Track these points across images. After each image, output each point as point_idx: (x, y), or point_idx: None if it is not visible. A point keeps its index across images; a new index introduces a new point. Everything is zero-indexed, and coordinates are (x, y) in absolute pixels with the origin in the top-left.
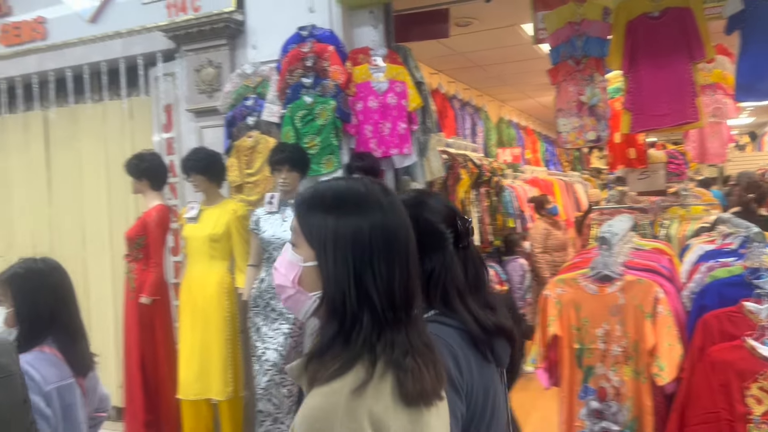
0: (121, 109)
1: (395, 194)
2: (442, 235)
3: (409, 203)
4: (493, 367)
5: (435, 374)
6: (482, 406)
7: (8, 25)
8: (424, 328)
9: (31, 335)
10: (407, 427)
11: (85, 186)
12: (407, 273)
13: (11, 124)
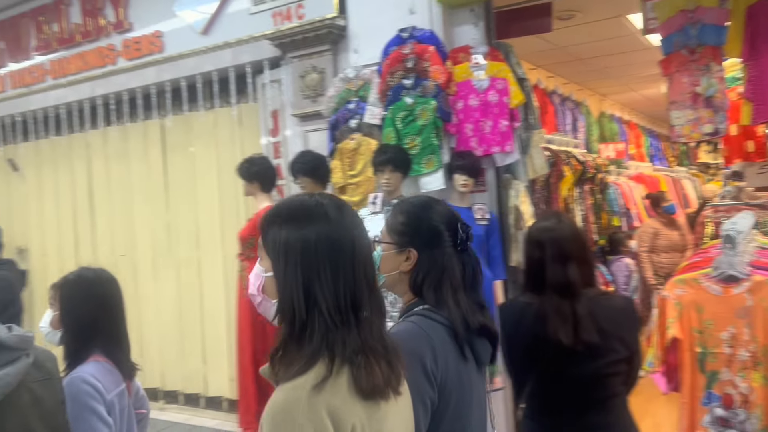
0: (231, 116)
1: (348, 209)
2: (441, 236)
3: (416, 204)
4: (472, 364)
5: (389, 370)
6: (457, 399)
7: (129, 40)
8: (378, 328)
9: (75, 340)
10: (363, 419)
11: (198, 189)
12: (352, 280)
13: (132, 132)
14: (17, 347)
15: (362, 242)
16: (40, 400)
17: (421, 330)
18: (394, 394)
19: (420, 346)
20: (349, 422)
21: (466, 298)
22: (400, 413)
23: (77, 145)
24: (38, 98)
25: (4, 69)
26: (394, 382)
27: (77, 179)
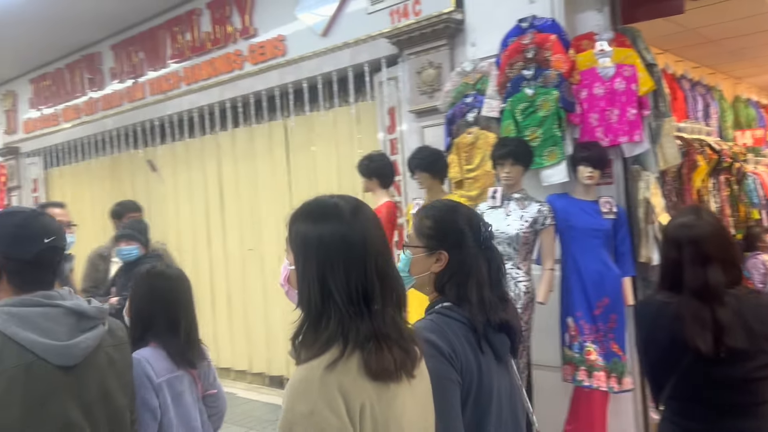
0: (350, 114)
1: (365, 210)
2: (466, 236)
3: (441, 208)
4: (491, 357)
5: (402, 354)
6: (477, 390)
7: (255, 45)
8: (392, 317)
9: (135, 328)
10: (373, 398)
11: (319, 186)
12: (363, 275)
13: (258, 133)
14: (96, 317)
15: (375, 241)
16: (114, 361)
17: (436, 325)
18: (407, 377)
19: (432, 336)
20: (359, 400)
21: (491, 294)
22: (413, 396)
23: (208, 146)
24: (173, 103)
25: (143, 77)
26: (409, 366)
27: (209, 178)
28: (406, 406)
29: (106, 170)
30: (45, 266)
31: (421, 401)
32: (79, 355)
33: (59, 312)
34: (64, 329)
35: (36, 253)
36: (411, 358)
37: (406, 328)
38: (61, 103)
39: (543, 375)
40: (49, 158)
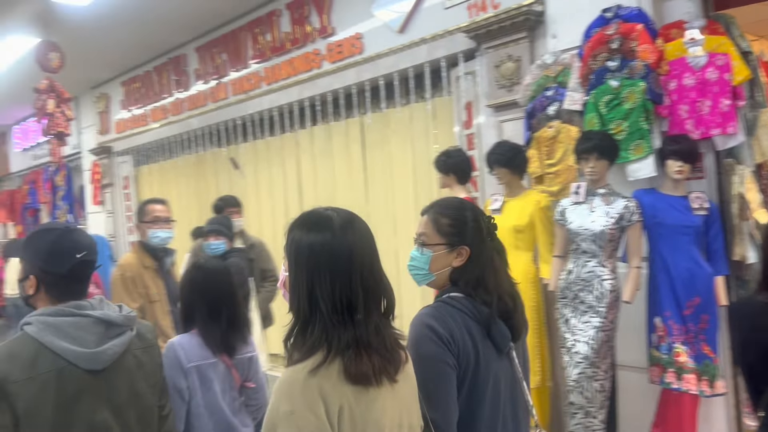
0: (426, 110)
1: (358, 223)
2: (478, 229)
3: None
4: (490, 348)
5: (381, 361)
6: (472, 376)
7: (333, 44)
8: (376, 326)
9: (181, 314)
10: (351, 400)
11: (395, 182)
12: (348, 286)
13: (335, 130)
14: (123, 324)
15: (362, 253)
16: (143, 363)
17: (439, 312)
18: (389, 380)
19: (433, 323)
20: (337, 403)
21: (505, 282)
22: (396, 398)
23: (288, 144)
24: (254, 103)
25: (226, 78)
26: (391, 371)
27: (288, 175)
28: (387, 409)
29: (191, 168)
30: (78, 279)
31: (405, 402)
32: (106, 361)
33: (89, 321)
34: (93, 337)
35: (69, 267)
36: (394, 363)
37: (391, 335)
38: (149, 104)
39: (628, 376)
40: (138, 157)
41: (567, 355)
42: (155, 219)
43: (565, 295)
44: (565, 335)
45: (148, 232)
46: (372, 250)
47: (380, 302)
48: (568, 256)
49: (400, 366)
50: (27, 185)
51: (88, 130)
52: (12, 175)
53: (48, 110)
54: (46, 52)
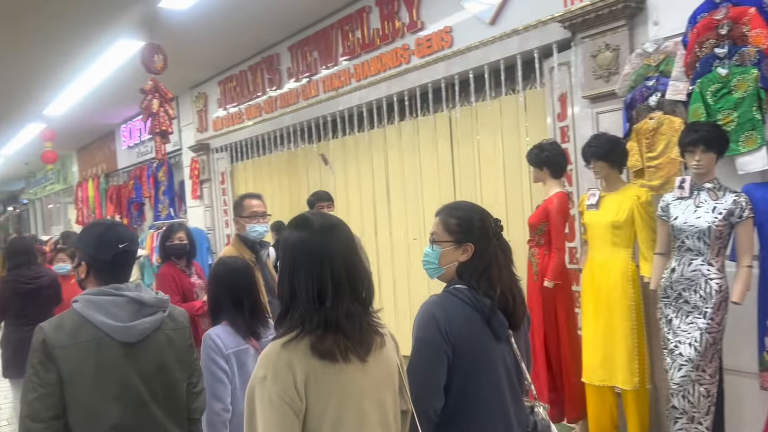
0: (516, 103)
1: (340, 227)
2: (483, 229)
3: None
4: (489, 335)
5: (346, 342)
6: (470, 359)
7: (422, 38)
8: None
9: (209, 306)
10: (318, 372)
11: (483, 176)
12: (319, 279)
13: (423, 125)
14: (155, 305)
15: (336, 253)
16: (173, 341)
17: (441, 301)
18: (358, 359)
19: (436, 311)
20: (304, 372)
21: (507, 277)
22: (365, 375)
23: (376, 139)
24: (344, 99)
25: (317, 76)
26: (360, 352)
27: (376, 170)
28: (354, 383)
29: (284, 164)
30: (120, 265)
31: (376, 381)
32: (137, 335)
33: (124, 300)
34: (126, 314)
35: (113, 255)
36: (365, 345)
37: (366, 321)
38: (244, 102)
39: (737, 381)
40: (234, 153)
41: (669, 357)
42: (253, 214)
43: (667, 295)
44: (666, 336)
45: (246, 226)
46: (349, 249)
47: (354, 293)
48: (671, 254)
49: (372, 348)
50: (132, 180)
51: (187, 128)
52: (119, 171)
53: (152, 110)
54: (150, 54)
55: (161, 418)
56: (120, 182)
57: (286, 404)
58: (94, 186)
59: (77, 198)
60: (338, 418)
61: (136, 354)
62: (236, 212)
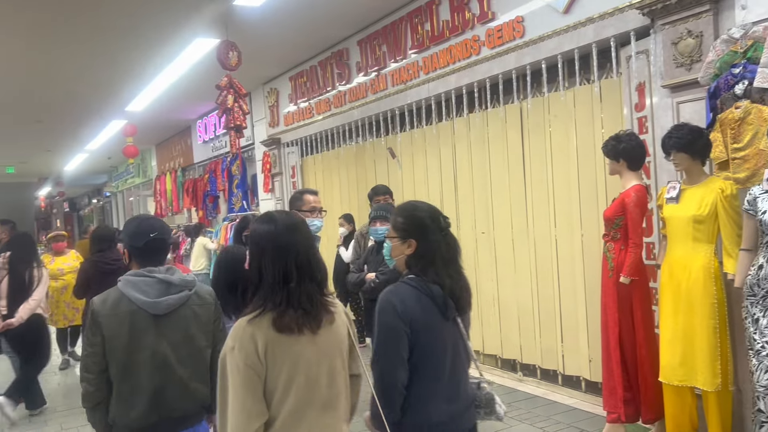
0: (591, 93)
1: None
2: (425, 226)
3: (408, 208)
4: (438, 315)
5: (303, 317)
6: (425, 337)
7: (492, 29)
8: (307, 292)
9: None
10: (275, 341)
11: (555, 169)
12: (284, 266)
13: (492, 117)
14: (181, 285)
15: (298, 243)
16: (198, 315)
17: (397, 290)
18: (310, 332)
19: (393, 298)
20: (264, 342)
21: (449, 269)
22: (315, 345)
23: (444, 132)
24: (412, 93)
25: (386, 69)
26: (313, 325)
27: (444, 163)
28: (305, 351)
29: (352, 157)
30: (152, 250)
31: (325, 350)
32: (164, 309)
33: (154, 281)
34: (155, 291)
35: (145, 243)
36: (316, 320)
37: (320, 300)
38: (314, 97)
39: None
40: (304, 147)
41: (755, 358)
42: (313, 209)
43: (754, 293)
44: (753, 336)
45: (306, 220)
46: (309, 242)
47: (312, 277)
48: (759, 250)
49: (323, 323)
50: (207, 174)
51: (260, 123)
52: (195, 165)
53: (228, 105)
54: (226, 51)
55: (185, 377)
56: (196, 176)
57: (251, 369)
58: (171, 179)
59: (156, 191)
60: (289, 379)
61: (164, 324)
62: (295, 206)
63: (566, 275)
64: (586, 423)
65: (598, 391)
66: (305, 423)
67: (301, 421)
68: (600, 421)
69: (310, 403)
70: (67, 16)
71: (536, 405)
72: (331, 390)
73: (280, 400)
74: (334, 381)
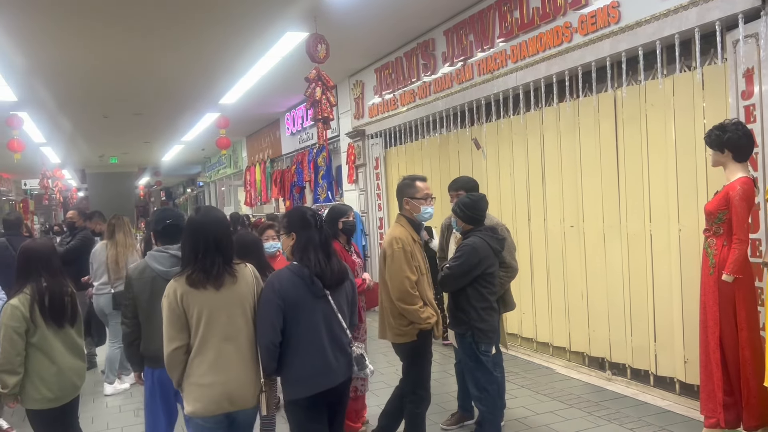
0: (692, 81)
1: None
2: (302, 223)
3: (294, 210)
4: (309, 293)
5: (209, 278)
6: (297, 311)
7: (585, 15)
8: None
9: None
10: (189, 293)
11: (651, 160)
12: (205, 245)
13: (584, 106)
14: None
15: (206, 229)
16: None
17: (278, 273)
18: (213, 288)
19: (274, 279)
20: (181, 293)
21: (321, 256)
22: (219, 297)
23: (532, 122)
24: (499, 82)
25: (472, 59)
26: (216, 283)
27: (531, 154)
28: (208, 300)
29: (435, 149)
30: (168, 233)
31: (225, 301)
32: (173, 275)
33: (167, 255)
34: (168, 263)
35: (162, 227)
36: (219, 280)
37: (224, 268)
38: (399, 88)
39: None
40: (388, 139)
41: None
42: (426, 195)
43: None
44: None
45: (420, 207)
46: (221, 227)
47: (221, 252)
48: None
49: (224, 283)
50: (294, 165)
51: (345, 115)
52: (282, 156)
53: (316, 97)
54: (315, 44)
55: None
56: (283, 167)
57: (172, 310)
58: (260, 170)
59: (246, 181)
60: (199, 318)
61: None
62: (408, 193)
63: (661, 271)
64: (680, 427)
65: (694, 393)
66: (211, 347)
67: (207, 345)
68: (696, 426)
69: (213, 335)
70: (167, 19)
71: (625, 405)
72: (230, 327)
73: (194, 332)
74: (234, 322)
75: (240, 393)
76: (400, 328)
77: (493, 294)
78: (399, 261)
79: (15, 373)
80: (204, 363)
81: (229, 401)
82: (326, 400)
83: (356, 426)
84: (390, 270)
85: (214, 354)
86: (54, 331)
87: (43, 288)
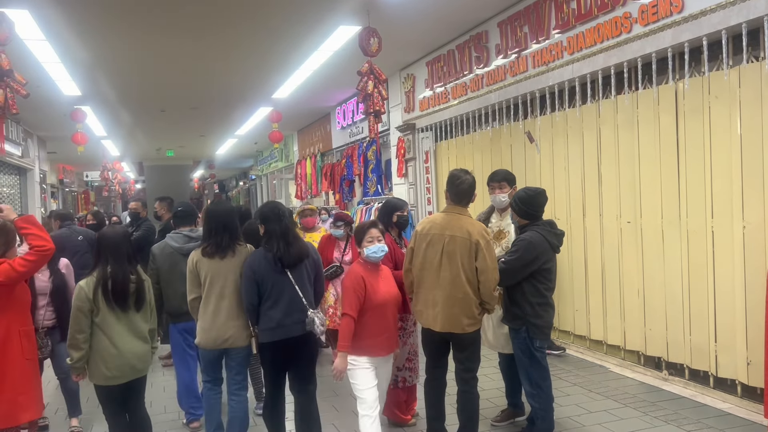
0: (760, 72)
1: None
2: (268, 216)
3: (264, 206)
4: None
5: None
6: (269, 286)
7: (646, 5)
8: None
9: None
10: (202, 261)
11: (715, 154)
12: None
13: (643, 99)
14: (197, 238)
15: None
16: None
17: (254, 253)
18: (219, 258)
19: (251, 259)
20: (196, 260)
21: (282, 241)
22: (223, 264)
23: (588, 115)
24: (555, 74)
25: (526, 51)
26: (221, 254)
27: (586, 148)
28: (213, 267)
29: (487, 142)
30: (181, 218)
31: (226, 268)
32: (186, 251)
33: (181, 236)
34: (182, 241)
35: (175, 213)
36: (223, 252)
37: (228, 245)
38: (450, 81)
39: None
40: (438, 132)
41: None
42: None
43: None
44: None
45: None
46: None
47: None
48: None
49: (227, 254)
50: (344, 159)
51: (395, 109)
52: (333, 150)
53: (368, 91)
54: (367, 38)
55: None
56: (334, 161)
57: (192, 270)
58: (311, 164)
59: (297, 174)
60: (205, 279)
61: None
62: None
63: (723, 269)
64: (741, 430)
65: (757, 397)
66: (212, 300)
67: (208, 300)
68: (759, 430)
69: (213, 293)
70: (224, 17)
71: (683, 407)
72: (224, 288)
73: (203, 289)
74: (227, 285)
75: (226, 336)
76: (476, 317)
77: (549, 290)
78: (492, 250)
79: (79, 348)
80: (206, 313)
81: (221, 340)
82: (284, 348)
83: (406, 418)
84: (488, 259)
85: (212, 307)
86: (117, 314)
87: (107, 273)
